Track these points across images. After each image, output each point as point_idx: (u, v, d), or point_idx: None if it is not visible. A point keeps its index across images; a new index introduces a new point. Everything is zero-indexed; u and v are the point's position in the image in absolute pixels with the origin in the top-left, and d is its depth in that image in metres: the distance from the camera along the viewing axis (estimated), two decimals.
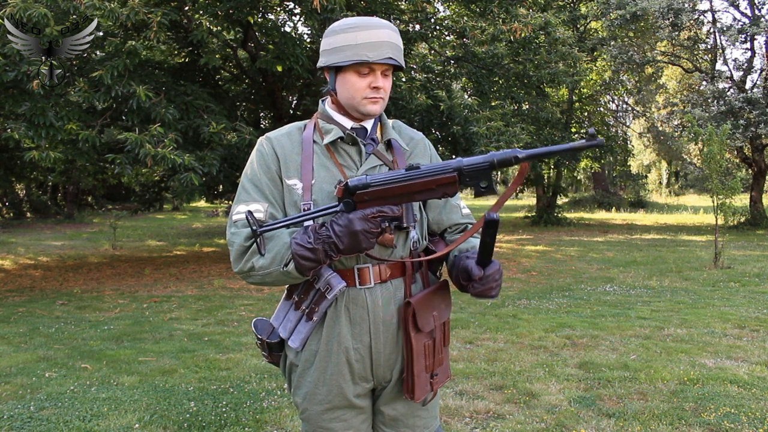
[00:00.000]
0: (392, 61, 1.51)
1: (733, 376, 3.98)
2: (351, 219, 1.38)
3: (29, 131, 6.82)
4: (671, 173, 35.66)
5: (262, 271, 1.46)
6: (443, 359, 1.62)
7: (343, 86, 1.54)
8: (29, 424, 3.37)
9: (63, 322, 6.05)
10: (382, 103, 1.56)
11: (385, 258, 1.53)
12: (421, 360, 1.54)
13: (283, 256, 1.42)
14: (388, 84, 1.56)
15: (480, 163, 1.37)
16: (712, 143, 8.97)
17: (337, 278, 1.50)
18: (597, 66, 19.68)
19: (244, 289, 8.07)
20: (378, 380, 1.60)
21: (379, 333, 1.55)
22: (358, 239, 1.38)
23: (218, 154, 7.88)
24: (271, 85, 9.83)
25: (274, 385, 3.98)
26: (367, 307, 1.54)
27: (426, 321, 1.54)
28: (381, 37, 1.50)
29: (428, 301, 1.56)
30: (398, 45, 1.55)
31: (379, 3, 9.10)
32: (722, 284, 7.81)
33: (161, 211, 24.98)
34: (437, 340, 1.59)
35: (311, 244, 1.40)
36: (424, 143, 1.70)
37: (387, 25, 1.53)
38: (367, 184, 1.39)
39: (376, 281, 1.54)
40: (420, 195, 1.40)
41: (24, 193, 22.31)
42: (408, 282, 1.58)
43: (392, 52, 1.51)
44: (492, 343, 4.95)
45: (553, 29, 9.99)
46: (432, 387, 1.58)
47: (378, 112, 1.56)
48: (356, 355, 1.55)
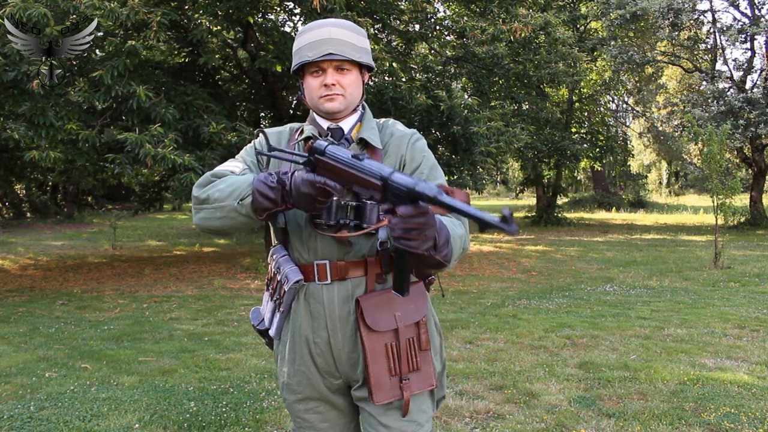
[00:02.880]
0: (332, 56, 1.52)
1: (733, 376, 3.98)
2: (303, 179, 1.39)
3: (29, 131, 6.82)
4: (671, 173, 35.65)
5: (216, 203, 1.49)
6: (418, 364, 1.55)
7: (306, 90, 1.61)
8: (29, 424, 3.37)
9: (63, 322, 6.05)
10: (342, 100, 1.57)
11: (341, 256, 1.54)
12: (380, 360, 1.52)
13: (242, 192, 1.45)
14: (346, 80, 1.56)
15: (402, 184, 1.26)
16: (712, 143, 8.97)
17: (295, 272, 1.54)
18: (597, 66, 19.67)
19: (244, 289, 8.07)
20: (345, 377, 1.61)
21: (337, 330, 1.56)
22: (303, 200, 1.41)
23: (218, 154, 7.87)
24: (271, 85, 9.83)
25: (274, 385, 3.98)
26: (323, 302, 1.56)
27: (378, 320, 1.51)
28: (320, 36, 1.54)
29: (385, 300, 1.53)
30: (343, 39, 1.54)
31: (378, 3, 9.10)
32: (722, 284, 7.81)
33: (161, 211, 24.95)
34: (405, 342, 1.54)
35: (273, 183, 1.43)
36: (405, 140, 1.63)
37: (331, 23, 1.55)
38: (322, 152, 1.41)
39: (334, 278, 1.55)
40: (354, 186, 1.38)
41: (24, 193, 22.30)
42: (370, 280, 1.55)
43: (333, 48, 1.52)
44: (492, 343, 4.95)
45: (553, 29, 9.98)
46: (401, 392, 1.53)
47: (337, 109, 1.57)
48: (317, 348, 1.59)
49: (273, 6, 9.44)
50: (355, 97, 1.60)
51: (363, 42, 1.60)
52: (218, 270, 9.76)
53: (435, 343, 1.66)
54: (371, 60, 1.64)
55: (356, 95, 1.61)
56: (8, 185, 15.92)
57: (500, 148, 9.12)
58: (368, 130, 1.62)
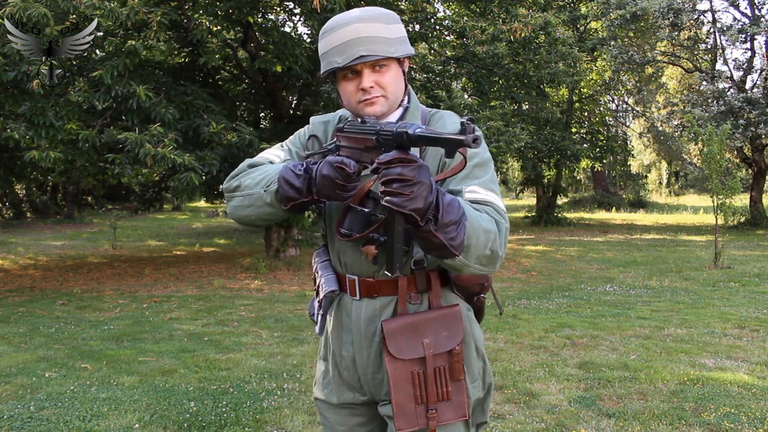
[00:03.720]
0: (364, 59, 1.36)
1: (733, 376, 3.98)
2: (324, 161, 1.30)
3: (29, 131, 6.82)
4: (671, 173, 35.63)
5: (246, 190, 1.42)
6: (449, 393, 1.41)
7: (341, 93, 1.46)
8: (29, 424, 3.37)
9: (63, 322, 6.05)
10: (383, 101, 1.42)
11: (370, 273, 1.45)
12: (404, 387, 1.40)
13: (270, 180, 1.38)
14: (385, 78, 1.41)
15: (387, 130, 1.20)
16: (712, 143, 8.97)
17: (330, 281, 1.49)
18: (597, 66, 19.67)
19: (244, 289, 8.07)
20: (371, 394, 1.54)
21: (362, 348, 1.49)
22: (323, 183, 1.29)
23: (218, 154, 7.88)
24: (271, 85, 9.83)
25: (274, 385, 3.98)
26: (352, 318, 1.49)
27: (403, 347, 1.40)
28: (347, 36, 1.37)
29: (413, 325, 1.41)
30: (373, 35, 1.37)
31: (378, 3, 9.10)
32: (722, 284, 7.81)
33: (161, 211, 24.96)
34: (433, 372, 1.41)
35: (300, 171, 1.34)
36: None
37: (357, 17, 1.38)
38: (342, 128, 1.38)
39: (363, 295, 1.46)
40: (363, 155, 1.30)
41: (24, 193, 22.29)
42: (401, 301, 1.43)
43: (364, 48, 1.36)
44: (492, 343, 4.95)
45: (553, 29, 9.98)
46: (427, 421, 1.40)
47: (378, 113, 1.41)
48: (343, 362, 1.54)
49: (273, 6, 9.43)
50: (397, 94, 1.45)
51: (396, 30, 1.42)
52: (218, 270, 9.76)
53: (474, 370, 1.51)
54: (409, 47, 1.46)
55: (398, 92, 1.45)
56: (8, 185, 15.93)
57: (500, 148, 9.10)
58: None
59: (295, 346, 4.99)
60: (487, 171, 1.41)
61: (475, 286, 1.51)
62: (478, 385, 1.51)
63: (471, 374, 1.49)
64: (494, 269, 1.33)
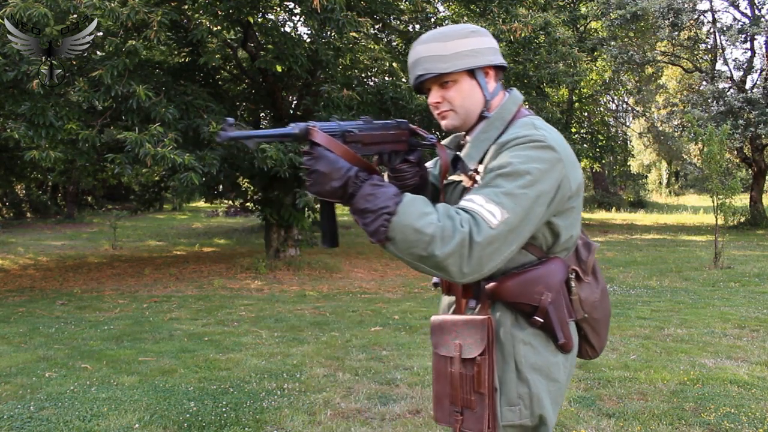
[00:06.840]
0: (423, 78, 1.48)
1: (733, 376, 3.98)
2: None
3: (29, 131, 6.82)
4: (671, 173, 35.64)
5: None
6: (473, 403, 1.41)
7: None
8: (29, 424, 3.37)
9: (63, 322, 6.05)
10: (453, 115, 1.50)
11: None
12: (442, 382, 1.49)
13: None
14: (451, 93, 1.48)
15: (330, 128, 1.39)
16: (712, 143, 8.97)
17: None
18: (597, 66, 19.68)
19: (244, 289, 8.07)
20: None
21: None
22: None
23: (218, 154, 7.87)
24: (271, 85, 9.82)
25: (274, 385, 3.98)
26: (439, 310, 1.66)
27: (440, 342, 1.51)
28: (411, 59, 1.52)
29: (451, 324, 1.49)
30: (428, 55, 1.46)
31: (379, 3, 9.09)
32: (722, 284, 7.81)
33: (161, 211, 24.96)
34: (458, 375, 1.44)
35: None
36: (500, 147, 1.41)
37: (418, 41, 1.51)
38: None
39: (444, 291, 1.62)
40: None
41: (24, 193, 22.29)
42: (458, 303, 1.52)
43: (420, 69, 1.48)
44: None
45: (553, 29, 9.98)
46: (453, 425, 1.45)
47: (452, 126, 1.53)
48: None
49: (273, 6, 9.42)
50: (467, 107, 1.49)
51: (454, 46, 1.46)
52: (218, 270, 9.75)
53: (510, 393, 1.44)
54: (477, 59, 1.47)
55: (468, 104, 1.49)
56: (8, 185, 15.94)
57: None
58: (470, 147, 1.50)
59: (295, 346, 4.99)
60: (512, 181, 1.33)
61: (522, 304, 1.44)
62: (517, 411, 1.44)
63: (507, 396, 1.44)
64: (450, 276, 1.28)
